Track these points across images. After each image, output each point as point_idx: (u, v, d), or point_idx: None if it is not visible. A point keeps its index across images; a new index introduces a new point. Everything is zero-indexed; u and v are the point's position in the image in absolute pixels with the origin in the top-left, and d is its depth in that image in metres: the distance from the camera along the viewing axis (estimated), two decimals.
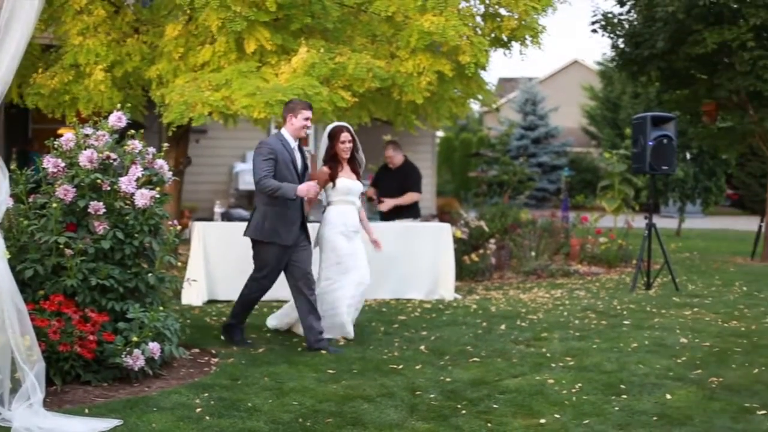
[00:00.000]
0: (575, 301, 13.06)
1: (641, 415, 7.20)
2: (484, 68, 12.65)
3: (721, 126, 22.21)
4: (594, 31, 20.49)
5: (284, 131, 9.27)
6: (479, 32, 12.17)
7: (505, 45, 12.61)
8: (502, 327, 10.85)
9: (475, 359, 9.10)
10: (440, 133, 42.24)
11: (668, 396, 7.77)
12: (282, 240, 9.17)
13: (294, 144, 9.27)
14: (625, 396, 7.79)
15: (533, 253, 16.21)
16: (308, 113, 9.23)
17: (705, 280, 15.96)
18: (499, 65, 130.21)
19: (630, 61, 20.53)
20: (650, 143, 14.38)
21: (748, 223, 25.07)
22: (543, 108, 44.31)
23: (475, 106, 21.79)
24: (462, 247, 15.17)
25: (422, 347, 9.73)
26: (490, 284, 14.97)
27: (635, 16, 20.26)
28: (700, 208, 32.27)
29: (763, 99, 19.18)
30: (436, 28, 10.96)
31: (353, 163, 10.16)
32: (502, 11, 12.23)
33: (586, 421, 6.94)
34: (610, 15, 20.29)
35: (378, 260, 12.91)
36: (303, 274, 9.39)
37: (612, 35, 20.43)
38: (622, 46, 20.56)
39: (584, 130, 49.54)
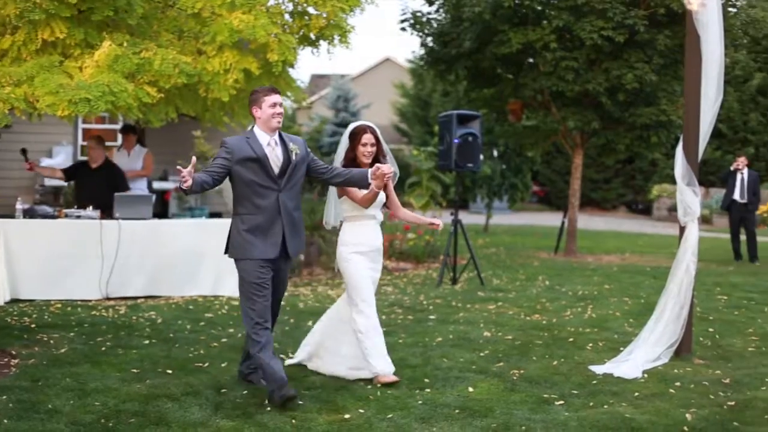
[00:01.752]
0: (382, 297, 13.18)
1: (444, 408, 7.34)
2: (292, 66, 12.62)
3: (526, 124, 22.80)
4: (403, 29, 20.73)
5: (256, 128, 7.70)
6: (288, 30, 12.12)
7: (314, 43, 12.58)
8: (310, 323, 10.82)
9: (281, 356, 9.08)
10: None
11: (470, 389, 7.95)
12: (260, 253, 7.54)
13: (268, 139, 7.61)
14: (428, 390, 7.93)
15: None
16: (274, 98, 7.64)
17: (510, 275, 16.35)
18: (313, 62, 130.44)
19: (438, 60, 20.86)
20: (456, 141, 14.65)
21: (553, 219, 25.84)
22: (355, 105, 44.50)
23: (287, 103, 21.74)
24: None
25: (229, 345, 9.66)
26: (299, 281, 14.98)
27: (443, 15, 20.57)
28: (507, 205, 33.02)
29: (566, 99, 19.79)
30: (245, 26, 10.86)
31: None
32: (311, 10, 12.19)
33: (390, 416, 7.03)
34: (419, 14, 20.55)
35: (185, 257, 12.83)
36: (275, 301, 7.94)
37: (421, 34, 20.71)
38: (430, 44, 20.86)
39: (395, 127, 50.04)
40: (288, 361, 8.80)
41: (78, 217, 12.57)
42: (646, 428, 6.85)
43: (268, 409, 7.16)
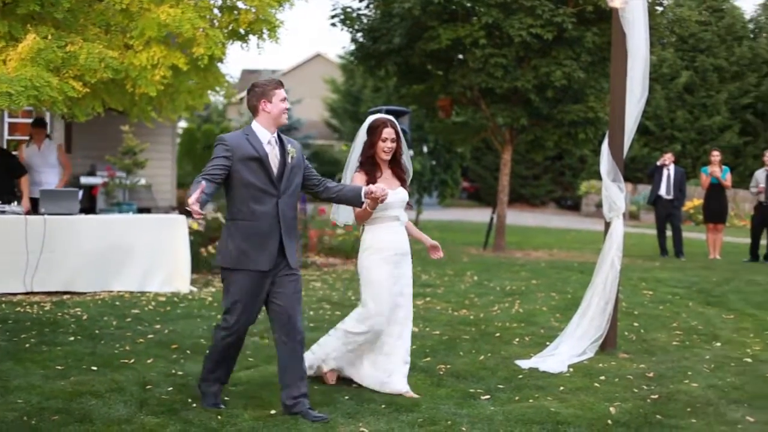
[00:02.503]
0: (311, 293, 13.17)
1: (370, 403, 7.34)
2: (221, 61, 12.58)
3: (456, 121, 22.92)
4: (333, 25, 20.70)
5: (256, 124, 7.00)
6: (216, 25, 12.06)
7: (243, 38, 12.54)
8: None
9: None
10: (183, 124, 41.69)
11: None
12: (254, 264, 6.86)
13: (269, 137, 6.97)
14: (355, 385, 7.91)
15: None
16: (283, 92, 7.05)
17: (438, 270, 16.39)
18: (245, 57, 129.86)
19: (368, 56, 20.86)
20: None
21: (483, 215, 25.97)
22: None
23: (219, 98, 21.63)
24: (199, 239, 15.01)
25: (155, 341, 9.58)
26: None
27: (373, 11, 20.58)
28: (436, 200, 33.14)
29: (495, 95, 19.91)
30: (172, 19, 10.79)
31: (396, 166, 7.93)
32: (240, 4, 12.17)
33: (316, 411, 6.98)
34: (349, 10, 20.53)
35: (111, 252, 12.70)
36: (285, 321, 7.05)
37: (351, 30, 20.69)
38: (360, 40, 20.85)
39: (326, 122, 50.04)
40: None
41: (2, 212, 12.38)
42: (571, 422, 6.90)
43: (194, 405, 7.10)
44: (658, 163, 20.96)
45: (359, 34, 20.75)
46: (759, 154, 24.22)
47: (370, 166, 7.73)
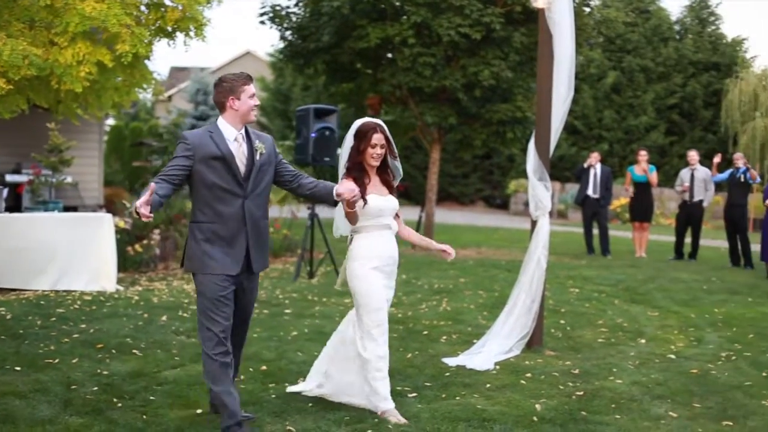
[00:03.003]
0: None
1: (297, 401, 7.34)
2: (147, 58, 12.46)
3: (385, 119, 22.90)
4: (262, 23, 20.62)
5: (222, 120, 6.62)
6: (143, 21, 11.95)
7: (170, 35, 12.43)
8: (164, 318, 10.74)
9: (134, 351, 8.98)
10: (111, 121, 41.28)
11: None
12: (219, 267, 6.48)
13: (236, 133, 6.58)
14: (283, 383, 7.91)
15: None
16: (252, 88, 6.67)
17: None
18: (174, 54, 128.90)
19: (297, 54, 20.83)
20: (313, 135, 14.67)
21: (412, 213, 26.01)
22: None
23: (147, 96, 21.44)
24: (126, 238, 14.88)
25: (80, 340, 9.47)
26: (154, 275, 14.79)
27: (303, 9, 20.54)
28: None
29: (424, 94, 19.98)
30: (98, 14, 10.67)
31: (385, 172, 7.47)
32: (167, 1, 12.08)
33: (243, 410, 6.95)
34: (278, 8, 20.47)
35: (36, 251, 12.52)
36: (241, 321, 6.91)
37: (280, 27, 20.62)
38: (290, 38, 20.80)
39: (256, 121, 49.83)
40: (291, 388, 7.74)
41: None
42: (497, 419, 6.94)
43: (119, 405, 7.05)
44: (585, 165, 21.17)
45: (288, 32, 20.70)
46: (684, 153, 24.55)
47: (357, 172, 7.26)
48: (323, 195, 6.96)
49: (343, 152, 7.46)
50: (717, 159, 20.57)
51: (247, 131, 6.68)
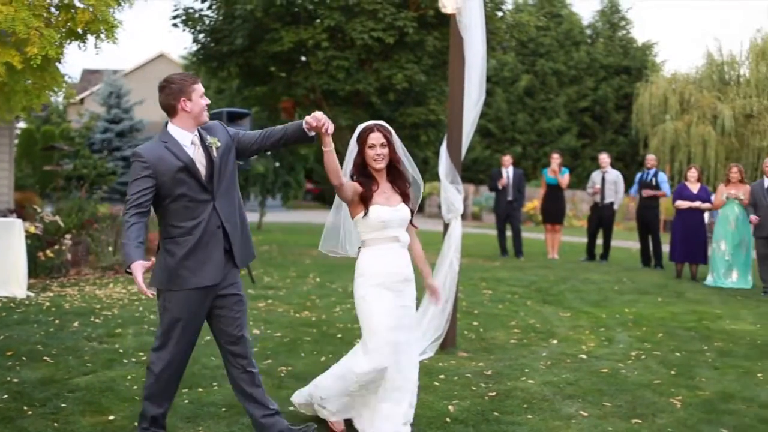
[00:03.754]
0: (152, 298, 12.95)
1: (211, 406, 7.31)
2: (58, 60, 12.30)
3: None
4: (175, 25, 20.46)
5: (173, 126, 6.15)
6: (53, 23, 11.79)
7: (81, 38, 12.28)
8: (76, 324, 10.60)
9: (45, 358, 8.84)
10: (22, 125, 40.70)
11: None
12: (193, 281, 6.06)
13: (190, 137, 6.13)
14: (195, 388, 7.87)
15: (111, 249, 15.94)
16: (200, 86, 6.22)
17: (281, 273, 16.38)
18: (87, 57, 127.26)
19: (210, 57, 20.75)
20: None
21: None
22: (128, 101, 43.68)
23: (58, 98, 21.20)
24: (36, 243, 14.64)
25: None
26: (65, 281, 14.58)
27: (216, 12, 20.45)
28: (280, 202, 33.08)
29: (337, 97, 20.01)
30: (4, 17, 10.50)
31: (398, 179, 6.75)
32: (77, 3, 11.92)
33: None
34: (191, 10, 20.35)
35: None
36: (233, 339, 6.38)
37: (193, 30, 20.50)
38: (203, 41, 20.70)
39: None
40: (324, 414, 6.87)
41: None
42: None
43: (30, 413, 6.94)
44: (496, 170, 21.32)
45: (201, 35, 20.60)
46: (596, 156, 24.90)
47: (364, 177, 6.65)
48: (296, 133, 6.34)
49: (347, 159, 6.80)
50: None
51: (198, 132, 6.19)
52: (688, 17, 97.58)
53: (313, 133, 6.27)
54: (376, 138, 6.61)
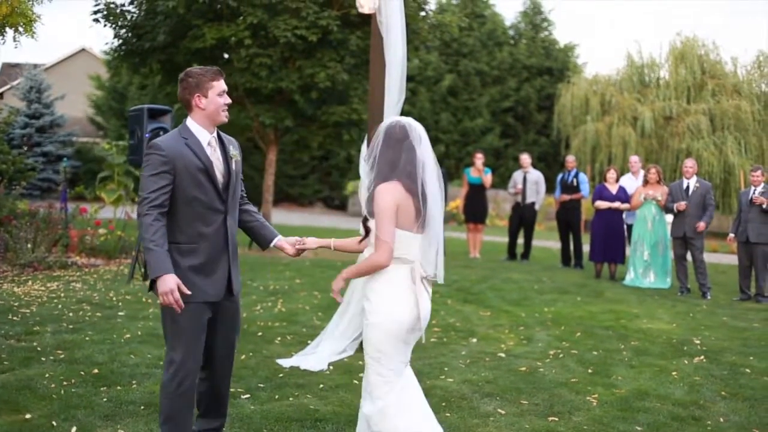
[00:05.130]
0: (71, 294, 12.84)
1: (129, 405, 7.26)
2: None
3: None
4: (96, 20, 20.22)
5: (191, 121, 5.77)
6: None
7: None
8: None
9: None
10: None
11: (158, 386, 7.85)
12: (202, 294, 5.67)
13: (209, 137, 5.75)
14: (115, 387, 7.80)
15: (30, 245, 15.73)
16: (222, 84, 5.78)
17: None
18: (6, 50, 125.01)
19: (132, 53, 20.56)
20: (147, 135, 14.46)
21: None
22: (49, 96, 43.11)
23: None
24: None
25: None
26: None
27: (137, 8, 20.27)
28: None
29: (260, 95, 19.97)
30: None
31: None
32: None
33: (74, 414, 6.85)
34: (113, 5, 20.13)
35: None
36: (219, 356, 6.01)
37: (114, 26, 20.28)
38: (124, 36, 20.50)
39: (91, 120, 48.85)
40: None
41: None
42: (330, 419, 7.01)
43: None
44: None
45: (123, 31, 20.39)
46: (518, 156, 25.12)
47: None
48: (258, 238, 6.17)
49: (379, 154, 5.63)
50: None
51: (219, 134, 5.87)
52: (609, 20, 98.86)
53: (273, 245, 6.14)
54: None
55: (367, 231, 5.66)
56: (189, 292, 5.44)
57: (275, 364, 8.98)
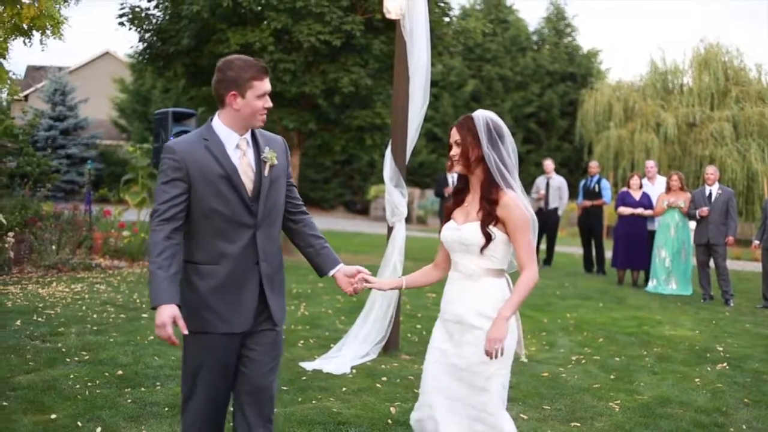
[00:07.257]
0: (95, 295, 12.91)
1: (153, 406, 7.30)
2: (3, 56, 12.22)
3: None
4: (121, 24, 20.30)
5: (218, 122, 4.90)
6: None
7: (26, 33, 12.20)
8: (18, 323, 10.50)
9: None
10: None
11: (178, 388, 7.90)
12: (223, 326, 4.85)
13: (238, 139, 4.89)
14: (139, 388, 7.85)
15: (54, 247, 15.83)
16: (264, 84, 4.87)
17: None
18: (32, 53, 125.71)
19: (156, 56, 20.62)
20: (171, 138, 14.53)
21: None
22: (73, 99, 43.34)
23: (2, 95, 20.97)
24: None
25: None
26: (8, 279, 14.44)
27: (162, 11, 20.34)
28: None
29: (284, 99, 19.98)
30: None
31: (489, 190, 5.04)
32: None
33: (98, 415, 6.90)
34: (138, 9, 20.21)
35: None
36: (252, 389, 5.03)
37: (139, 29, 20.37)
38: (149, 40, 20.57)
39: (114, 122, 49.08)
40: None
41: None
42: (353, 422, 7.03)
43: None
44: (441, 176, 21.40)
45: (148, 35, 20.47)
46: (541, 161, 25.09)
47: (462, 182, 5.27)
48: (317, 264, 5.34)
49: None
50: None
51: (254, 133, 5.00)
52: (633, 26, 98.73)
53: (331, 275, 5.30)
54: (452, 135, 5.21)
55: (488, 238, 5.02)
56: (185, 330, 4.68)
57: (298, 367, 9.01)
